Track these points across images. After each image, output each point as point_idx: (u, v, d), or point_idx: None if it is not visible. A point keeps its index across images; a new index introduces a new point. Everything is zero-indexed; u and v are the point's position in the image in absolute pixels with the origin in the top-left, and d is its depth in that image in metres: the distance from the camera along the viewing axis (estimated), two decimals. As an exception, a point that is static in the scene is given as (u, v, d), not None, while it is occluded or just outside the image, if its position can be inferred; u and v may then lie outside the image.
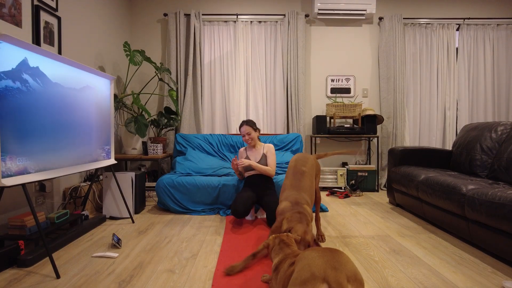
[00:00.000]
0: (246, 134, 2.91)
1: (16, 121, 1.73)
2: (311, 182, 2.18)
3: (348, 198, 3.79)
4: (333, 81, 4.48)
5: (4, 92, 1.66)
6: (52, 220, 2.29)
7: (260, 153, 2.96)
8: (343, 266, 1.18)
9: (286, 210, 1.94)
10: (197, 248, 2.20)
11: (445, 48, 4.39)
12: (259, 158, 2.94)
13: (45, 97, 1.96)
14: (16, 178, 1.72)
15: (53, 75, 2.04)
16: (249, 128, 2.92)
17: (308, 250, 1.30)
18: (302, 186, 2.09)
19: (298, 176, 2.15)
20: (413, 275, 1.76)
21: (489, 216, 1.94)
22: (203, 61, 4.31)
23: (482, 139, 2.97)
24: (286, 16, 4.25)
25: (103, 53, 3.58)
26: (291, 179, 2.16)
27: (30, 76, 1.84)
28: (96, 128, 2.59)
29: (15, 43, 1.71)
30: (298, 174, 2.17)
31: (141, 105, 3.40)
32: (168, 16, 4.20)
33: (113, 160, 2.86)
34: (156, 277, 1.76)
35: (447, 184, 2.39)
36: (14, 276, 1.77)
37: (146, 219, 2.94)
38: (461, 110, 4.46)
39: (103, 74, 2.66)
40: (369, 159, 4.45)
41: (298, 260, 1.29)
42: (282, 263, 1.48)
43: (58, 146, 2.10)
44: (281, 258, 1.52)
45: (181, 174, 3.38)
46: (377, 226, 2.67)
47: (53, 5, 2.68)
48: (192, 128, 4.27)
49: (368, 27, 4.48)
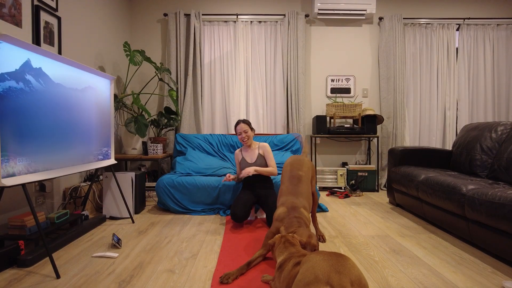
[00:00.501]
0: (243, 132, 2.88)
1: (16, 121, 1.74)
2: (308, 186, 2.17)
3: (348, 198, 3.79)
4: (333, 81, 4.48)
5: (8, 93, 1.66)
6: (52, 220, 2.29)
7: (255, 153, 2.94)
8: (348, 270, 1.17)
9: (283, 216, 1.93)
10: (197, 248, 2.20)
11: (445, 48, 4.39)
12: (255, 158, 2.92)
13: (45, 97, 1.96)
14: (16, 178, 1.72)
15: (54, 75, 2.04)
16: (246, 126, 2.89)
17: (314, 253, 1.30)
18: (299, 191, 2.08)
19: (294, 181, 2.14)
20: (413, 275, 1.76)
21: (489, 216, 1.94)
22: (203, 61, 4.31)
23: (482, 139, 2.97)
24: (286, 16, 4.25)
25: (103, 53, 3.58)
26: (287, 185, 2.15)
27: (33, 76, 1.84)
28: (96, 128, 2.59)
29: (15, 43, 1.71)
30: (295, 179, 2.16)
31: (141, 105, 3.40)
32: (168, 16, 4.20)
33: (113, 160, 2.86)
34: (156, 277, 1.76)
35: (447, 184, 2.39)
36: (14, 276, 1.77)
37: (146, 219, 2.94)
38: (461, 110, 4.46)
39: (103, 74, 2.66)
40: (369, 159, 4.45)
41: (303, 262, 1.29)
42: (287, 262, 1.47)
43: (58, 146, 2.10)
44: (285, 257, 1.52)
45: (181, 174, 3.38)
46: (377, 226, 2.67)
47: (53, 5, 2.68)
48: (192, 128, 4.27)
49: (368, 27, 4.48)
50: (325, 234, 2.48)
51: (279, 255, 1.58)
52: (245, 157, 2.96)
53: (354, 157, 4.51)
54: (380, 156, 4.41)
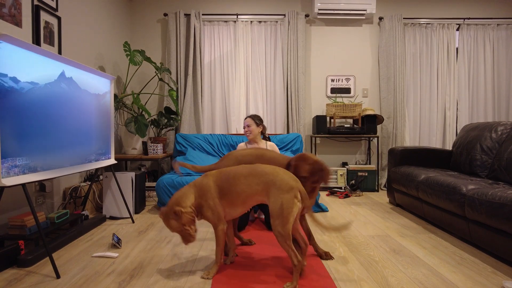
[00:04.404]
0: (246, 126, 2.84)
1: (16, 122, 1.74)
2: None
3: (348, 198, 3.79)
4: (333, 81, 4.48)
5: (3, 92, 1.66)
6: (52, 220, 2.29)
7: None
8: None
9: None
10: (197, 248, 2.20)
11: (445, 48, 4.39)
12: None
13: (45, 97, 1.96)
14: (16, 178, 1.72)
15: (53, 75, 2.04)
16: (251, 120, 2.84)
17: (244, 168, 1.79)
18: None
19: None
20: (413, 275, 1.76)
21: (489, 216, 1.94)
22: (203, 61, 4.31)
23: (482, 139, 2.97)
24: (286, 16, 4.25)
25: (103, 53, 3.58)
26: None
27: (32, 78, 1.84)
28: (96, 128, 2.59)
29: (15, 43, 1.71)
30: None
31: (141, 105, 3.40)
32: (168, 16, 4.20)
33: (113, 160, 2.86)
34: (156, 277, 1.76)
35: (447, 184, 2.39)
36: (14, 276, 1.77)
37: (146, 219, 2.94)
38: (461, 110, 4.46)
39: (103, 74, 2.66)
40: (369, 159, 4.45)
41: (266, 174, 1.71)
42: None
43: (58, 146, 2.10)
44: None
45: (181, 174, 3.38)
46: (377, 226, 2.67)
47: (53, 5, 2.68)
48: (192, 128, 4.27)
49: (368, 27, 4.48)
50: (325, 234, 2.47)
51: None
52: None
53: (354, 157, 4.51)
54: (380, 156, 4.41)
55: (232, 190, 1.72)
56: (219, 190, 1.74)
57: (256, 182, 1.69)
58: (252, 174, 1.72)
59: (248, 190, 1.70)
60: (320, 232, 2.52)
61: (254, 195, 1.71)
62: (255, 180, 1.70)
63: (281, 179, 1.65)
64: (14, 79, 1.71)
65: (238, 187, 1.71)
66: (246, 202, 1.74)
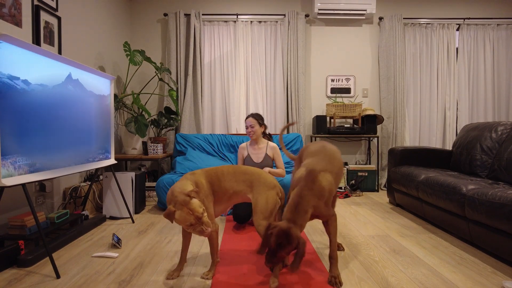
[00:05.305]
0: (249, 127, 2.79)
1: (16, 121, 1.74)
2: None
3: (348, 198, 3.79)
4: (333, 81, 4.48)
5: (4, 91, 1.65)
6: (52, 220, 2.29)
7: (263, 153, 2.85)
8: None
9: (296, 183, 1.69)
10: (197, 248, 2.20)
11: (445, 48, 4.39)
12: (262, 158, 2.84)
13: (45, 97, 1.96)
14: (16, 178, 1.72)
15: (54, 75, 2.04)
16: (254, 121, 2.80)
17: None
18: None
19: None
20: (413, 275, 1.76)
21: (489, 216, 1.94)
22: (203, 61, 4.31)
23: (482, 139, 2.97)
24: (286, 16, 4.25)
25: (103, 53, 3.58)
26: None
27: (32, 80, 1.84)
28: (96, 128, 2.59)
29: (15, 43, 1.71)
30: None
31: (141, 105, 3.40)
32: (168, 16, 4.20)
33: (113, 160, 2.86)
34: (156, 277, 1.76)
35: (447, 184, 2.39)
36: (14, 276, 1.77)
37: (146, 219, 2.94)
38: (461, 110, 4.46)
39: (103, 74, 2.66)
40: (369, 159, 4.45)
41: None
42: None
43: (58, 145, 2.10)
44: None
45: (181, 174, 3.38)
46: (377, 226, 2.67)
47: (53, 5, 2.68)
48: (192, 128, 4.27)
49: (368, 27, 4.48)
50: (325, 234, 2.48)
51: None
52: (251, 154, 2.87)
53: (354, 157, 4.51)
54: (380, 156, 4.41)
55: (222, 186, 1.78)
56: (210, 187, 1.76)
57: (242, 179, 1.80)
58: (237, 172, 1.83)
59: (235, 186, 1.79)
60: (320, 232, 2.52)
61: (240, 191, 1.79)
62: (242, 177, 1.80)
63: (265, 178, 1.79)
64: (16, 78, 1.71)
65: (227, 183, 1.79)
66: (231, 199, 1.80)
